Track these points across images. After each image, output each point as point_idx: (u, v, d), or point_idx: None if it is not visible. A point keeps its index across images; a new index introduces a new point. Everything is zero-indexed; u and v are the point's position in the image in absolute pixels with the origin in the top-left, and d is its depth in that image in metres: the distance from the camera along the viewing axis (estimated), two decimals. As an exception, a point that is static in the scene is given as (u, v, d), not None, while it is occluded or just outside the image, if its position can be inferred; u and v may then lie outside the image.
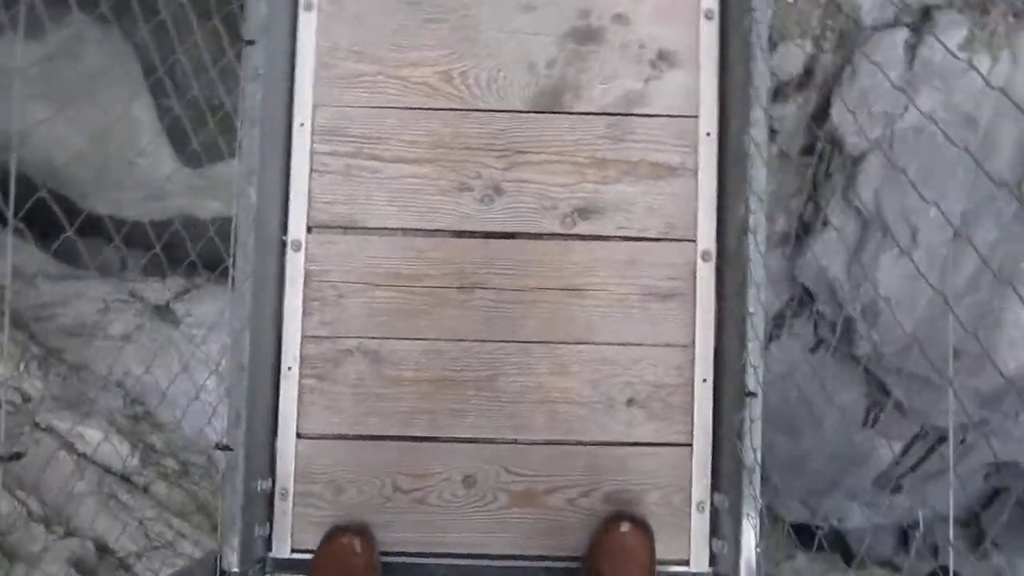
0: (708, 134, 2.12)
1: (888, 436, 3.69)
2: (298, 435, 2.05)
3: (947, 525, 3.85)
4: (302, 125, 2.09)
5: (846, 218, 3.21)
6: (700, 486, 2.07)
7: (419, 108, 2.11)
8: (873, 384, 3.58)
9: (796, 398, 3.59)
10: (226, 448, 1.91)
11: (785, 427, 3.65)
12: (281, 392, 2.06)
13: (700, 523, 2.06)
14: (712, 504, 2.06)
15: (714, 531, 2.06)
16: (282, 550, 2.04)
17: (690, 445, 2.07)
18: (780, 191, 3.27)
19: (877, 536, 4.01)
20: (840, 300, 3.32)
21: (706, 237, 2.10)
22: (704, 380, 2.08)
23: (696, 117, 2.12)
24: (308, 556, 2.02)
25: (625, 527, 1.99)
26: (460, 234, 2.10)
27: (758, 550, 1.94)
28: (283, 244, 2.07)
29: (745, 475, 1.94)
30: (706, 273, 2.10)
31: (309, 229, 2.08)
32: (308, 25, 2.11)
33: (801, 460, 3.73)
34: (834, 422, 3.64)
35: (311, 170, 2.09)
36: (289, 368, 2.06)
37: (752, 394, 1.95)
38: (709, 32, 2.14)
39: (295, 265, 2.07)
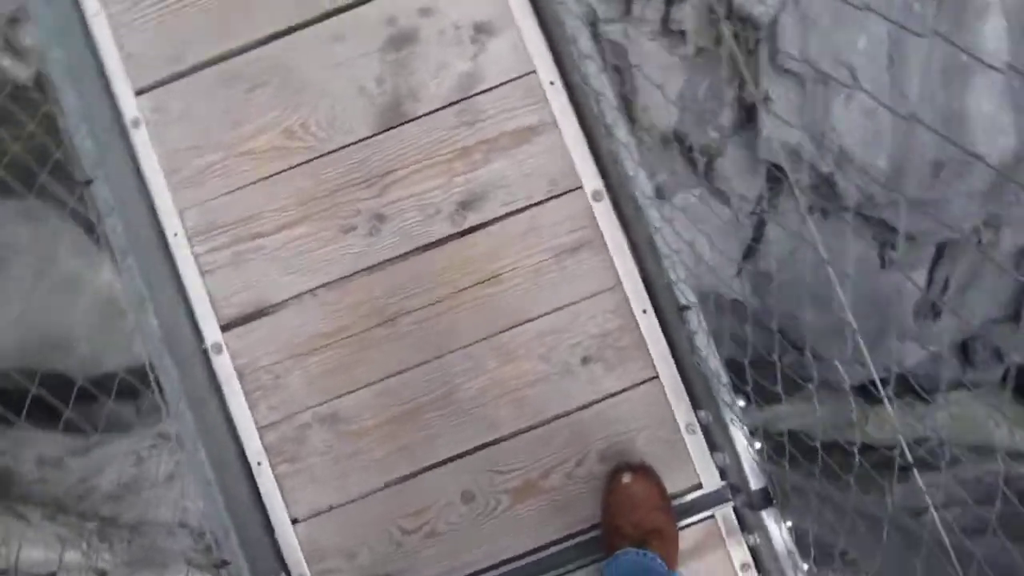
0: (552, 83, 2.09)
1: (910, 268, 3.63)
2: (293, 521, 2.06)
3: (1001, 327, 3.77)
4: (176, 235, 2.10)
5: (784, 84, 3.15)
6: (682, 410, 2.05)
7: (276, 173, 2.11)
8: (875, 226, 3.52)
9: (810, 272, 3.54)
10: (224, 564, 1.92)
11: (812, 302, 3.60)
12: (260, 488, 2.07)
13: (696, 444, 2.04)
14: (700, 422, 2.04)
15: (712, 447, 2.04)
16: (320, 632, 2.06)
17: (656, 377, 2.05)
18: (714, 85, 3.23)
19: (939, 364, 3.91)
20: (811, 162, 3.27)
21: (591, 178, 2.08)
22: (644, 311, 2.06)
23: (534, 72, 2.10)
24: (347, 628, 2.04)
25: (627, 478, 1.98)
26: (361, 273, 2.09)
27: (753, 447, 1.92)
28: (205, 352, 2.09)
29: (712, 384, 1.92)
30: (604, 211, 2.07)
31: (223, 328, 2.09)
32: (141, 140, 2.11)
33: (839, 325, 3.68)
34: (855, 277, 3.58)
35: (201, 273, 2.10)
36: (259, 463, 2.07)
37: (686, 307, 1.93)
38: None
39: (224, 367, 2.08)
